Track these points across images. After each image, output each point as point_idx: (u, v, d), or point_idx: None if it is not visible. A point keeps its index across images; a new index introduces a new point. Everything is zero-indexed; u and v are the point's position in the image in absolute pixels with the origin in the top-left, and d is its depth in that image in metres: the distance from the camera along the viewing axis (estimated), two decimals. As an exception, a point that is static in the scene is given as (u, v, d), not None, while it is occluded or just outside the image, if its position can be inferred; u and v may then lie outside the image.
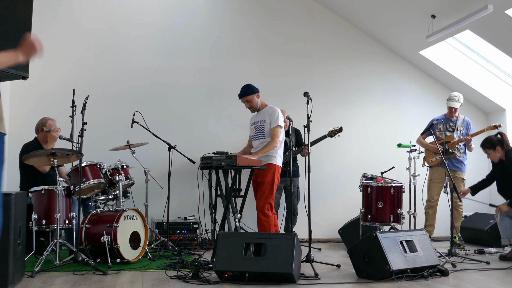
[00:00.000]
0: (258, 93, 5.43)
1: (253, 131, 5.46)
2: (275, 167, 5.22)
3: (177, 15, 7.01)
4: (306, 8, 7.33)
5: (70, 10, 6.78)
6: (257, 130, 5.39)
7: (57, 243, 4.63)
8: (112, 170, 5.42)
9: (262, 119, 5.38)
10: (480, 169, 7.44)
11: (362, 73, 7.40)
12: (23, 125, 6.26)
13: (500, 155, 5.71)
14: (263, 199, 5.15)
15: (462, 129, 6.37)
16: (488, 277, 4.50)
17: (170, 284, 4.07)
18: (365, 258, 4.33)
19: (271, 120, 5.28)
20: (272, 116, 5.29)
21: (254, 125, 5.47)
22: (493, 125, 6.13)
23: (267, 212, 5.14)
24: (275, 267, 4.00)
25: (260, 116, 5.42)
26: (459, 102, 6.33)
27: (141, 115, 5.86)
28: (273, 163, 5.22)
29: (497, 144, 5.71)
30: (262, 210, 5.14)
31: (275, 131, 5.25)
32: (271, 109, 5.36)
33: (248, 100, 5.39)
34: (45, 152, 4.68)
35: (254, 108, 5.44)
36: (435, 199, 6.35)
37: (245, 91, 5.40)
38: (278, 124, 5.26)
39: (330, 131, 6.29)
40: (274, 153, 5.25)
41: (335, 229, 6.64)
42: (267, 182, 5.17)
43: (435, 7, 6.16)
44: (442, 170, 6.29)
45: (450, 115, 6.40)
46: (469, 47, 6.95)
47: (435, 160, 6.33)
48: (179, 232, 6.08)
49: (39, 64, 6.23)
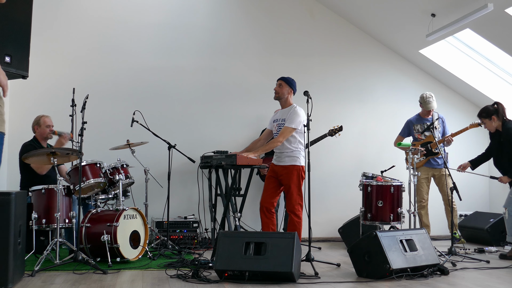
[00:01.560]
0: (292, 91, 5.30)
1: (275, 128, 5.34)
2: (299, 168, 5.13)
3: (177, 14, 7.01)
4: (306, 7, 7.32)
5: (70, 10, 6.77)
6: (279, 128, 5.28)
7: (57, 242, 4.64)
8: (112, 169, 5.42)
9: (283, 117, 5.25)
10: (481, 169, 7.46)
11: (362, 72, 7.40)
12: (23, 124, 6.25)
13: (496, 125, 5.60)
14: (293, 201, 5.09)
15: (439, 127, 6.37)
16: (488, 276, 4.50)
17: (170, 283, 4.07)
18: (365, 257, 4.33)
19: (288, 119, 5.16)
20: (291, 115, 5.16)
21: (276, 122, 5.36)
22: (477, 123, 6.04)
23: (299, 214, 5.10)
24: (275, 266, 4.00)
25: (283, 114, 5.29)
26: (435, 101, 6.34)
27: (141, 114, 5.86)
28: (298, 164, 5.14)
29: (493, 113, 5.59)
30: (294, 212, 5.09)
31: (285, 130, 5.13)
32: (293, 108, 5.22)
33: (281, 85, 5.27)
34: (45, 151, 4.68)
35: (279, 96, 5.29)
36: (425, 198, 6.36)
37: (287, 78, 5.31)
38: (291, 126, 5.12)
39: (331, 130, 6.29)
40: (298, 154, 5.15)
41: (335, 228, 6.65)
42: (294, 184, 5.09)
43: (435, 6, 6.16)
44: (427, 169, 6.37)
45: (427, 114, 6.41)
46: (469, 45, 6.94)
47: (418, 161, 6.28)
48: (179, 231, 6.08)
49: (39, 63, 6.27)
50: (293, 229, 5.04)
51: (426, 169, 6.37)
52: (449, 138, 6.18)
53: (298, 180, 5.13)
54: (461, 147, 7.11)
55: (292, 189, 5.09)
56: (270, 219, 5.19)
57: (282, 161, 5.17)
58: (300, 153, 5.19)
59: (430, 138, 6.28)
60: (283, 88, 5.27)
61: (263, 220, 5.21)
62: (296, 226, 5.07)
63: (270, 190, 5.23)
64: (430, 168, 6.38)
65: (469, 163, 5.97)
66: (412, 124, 6.49)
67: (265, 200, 5.21)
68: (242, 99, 7.03)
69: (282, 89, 5.27)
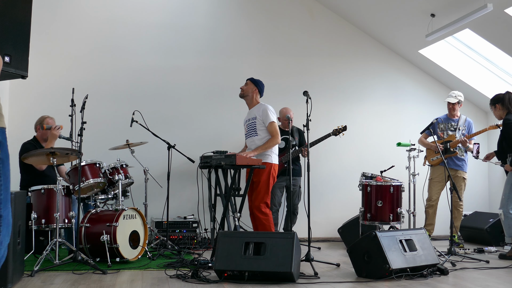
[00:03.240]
0: (257, 90, 5.35)
1: (246, 130, 5.40)
2: (271, 165, 5.15)
3: (176, 14, 7.01)
4: (306, 7, 7.32)
5: (70, 9, 6.77)
6: (249, 128, 5.32)
7: (56, 242, 4.64)
8: (112, 169, 5.42)
9: (253, 116, 5.29)
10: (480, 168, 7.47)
11: (362, 72, 7.40)
12: (22, 124, 6.26)
13: (499, 113, 5.53)
14: (259, 198, 5.10)
15: (463, 129, 6.33)
16: (487, 276, 4.50)
17: (170, 283, 4.07)
18: (364, 257, 4.33)
19: (263, 117, 5.19)
20: (264, 113, 5.19)
21: (246, 124, 5.40)
22: (495, 124, 5.99)
23: (264, 210, 5.09)
24: (275, 266, 4.00)
25: (251, 113, 5.35)
26: (456, 98, 6.29)
27: (141, 114, 5.86)
28: (269, 162, 5.16)
29: (498, 101, 5.50)
30: (259, 209, 5.08)
31: (273, 127, 5.16)
32: (262, 106, 5.27)
33: (247, 83, 5.38)
34: (45, 151, 4.68)
35: (243, 94, 5.37)
36: (434, 198, 6.31)
37: (253, 78, 5.40)
38: (272, 120, 5.16)
39: (335, 130, 6.29)
40: (270, 151, 5.17)
41: (334, 228, 6.65)
42: (262, 181, 5.10)
43: (435, 6, 6.16)
44: (443, 169, 6.27)
45: (451, 114, 6.39)
46: (468, 46, 6.95)
47: (436, 159, 6.29)
48: (179, 231, 6.08)
49: (39, 63, 6.26)
50: (263, 228, 5.02)
51: (442, 168, 6.15)
52: (463, 138, 6.11)
53: (268, 177, 5.11)
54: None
55: (261, 186, 5.09)
56: None
57: (256, 157, 5.15)
58: (272, 151, 5.19)
59: (451, 138, 6.27)
60: (248, 86, 5.36)
61: (254, 223, 5.21)
62: (264, 223, 5.05)
63: (251, 191, 5.24)
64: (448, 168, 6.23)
65: (494, 153, 5.83)
66: (437, 123, 6.39)
67: (250, 202, 5.24)
68: (241, 99, 7.00)
69: (247, 87, 5.36)
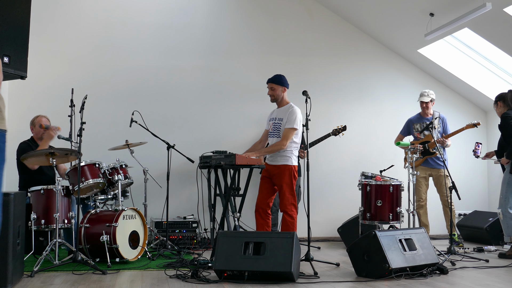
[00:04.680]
0: (286, 88, 5.24)
1: (271, 128, 5.29)
2: (291, 167, 5.10)
3: (175, 14, 7.01)
4: (305, 7, 7.32)
5: (68, 9, 6.76)
6: (275, 127, 5.23)
7: (56, 242, 4.64)
8: (111, 170, 5.42)
9: (280, 116, 5.20)
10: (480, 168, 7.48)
11: (361, 71, 7.40)
12: (21, 124, 6.24)
13: (500, 111, 5.53)
14: (285, 200, 5.05)
15: (438, 127, 6.35)
16: (487, 275, 4.50)
17: (170, 284, 4.07)
18: (364, 256, 4.33)
19: (287, 120, 5.11)
20: (290, 116, 5.10)
21: (272, 121, 5.30)
22: (472, 123, 6.00)
23: (292, 214, 5.06)
24: (275, 266, 4.00)
25: (280, 113, 5.24)
26: (429, 97, 6.32)
27: (140, 115, 5.86)
28: (290, 164, 5.10)
29: (499, 99, 5.51)
30: (287, 212, 5.05)
31: (288, 133, 5.08)
32: (291, 108, 5.16)
33: (273, 88, 5.21)
34: (44, 152, 4.68)
35: (275, 99, 5.25)
36: (423, 198, 6.35)
37: (275, 78, 5.23)
38: (293, 127, 5.07)
39: (334, 130, 6.29)
40: (290, 153, 5.10)
41: (334, 227, 6.65)
42: (286, 184, 5.05)
43: (434, 5, 6.17)
44: (425, 169, 6.34)
45: (424, 113, 6.40)
46: (467, 45, 6.95)
47: (416, 160, 6.28)
48: (178, 231, 6.08)
49: (38, 63, 6.26)
50: (286, 229, 5.01)
51: (424, 168, 6.37)
52: (442, 139, 6.16)
53: (290, 179, 5.08)
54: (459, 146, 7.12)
55: (284, 188, 5.06)
56: (265, 220, 5.16)
57: (275, 160, 5.14)
58: (293, 153, 5.15)
59: (429, 138, 6.28)
60: (276, 90, 5.21)
61: (259, 222, 5.19)
62: (289, 226, 5.03)
63: (265, 190, 5.20)
64: (428, 168, 6.37)
65: (494, 152, 5.85)
66: (412, 123, 6.48)
67: (260, 201, 5.19)
68: (241, 99, 7.03)
69: (276, 91, 5.21)
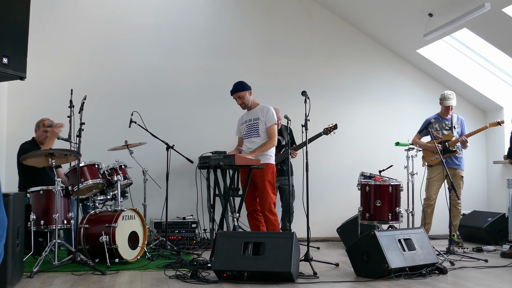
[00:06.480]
0: (250, 91, 5.32)
1: (245, 130, 5.35)
2: (272, 166, 5.19)
3: (175, 15, 7.01)
4: (304, 8, 7.33)
5: (68, 10, 6.77)
6: (250, 128, 5.28)
7: (55, 243, 4.64)
8: (110, 170, 5.41)
9: (255, 117, 5.27)
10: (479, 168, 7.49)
11: (360, 72, 7.40)
12: (21, 125, 6.26)
13: None
14: (269, 199, 5.07)
15: (457, 127, 6.35)
16: (486, 274, 4.51)
17: (169, 284, 4.07)
18: (363, 256, 4.33)
19: (266, 119, 5.20)
20: (266, 114, 5.21)
21: (245, 124, 5.36)
22: (496, 122, 5.97)
23: (275, 211, 5.10)
24: (274, 266, 4.01)
25: (252, 114, 5.32)
26: (455, 99, 6.33)
27: (139, 115, 5.86)
28: (271, 163, 5.19)
29: None
30: (270, 210, 5.07)
31: (272, 130, 5.19)
32: (265, 107, 5.27)
33: (240, 96, 5.28)
34: (43, 153, 4.68)
35: (246, 105, 5.32)
36: (433, 197, 6.31)
37: (238, 87, 5.30)
38: (274, 123, 5.20)
39: (325, 129, 6.29)
40: (271, 152, 5.20)
41: (333, 227, 6.65)
42: (268, 182, 5.10)
43: (433, 6, 6.17)
44: (441, 169, 6.28)
45: (446, 113, 6.39)
46: (466, 45, 6.96)
47: (435, 159, 6.29)
48: (178, 231, 6.08)
49: (37, 64, 6.26)
50: (273, 228, 5.03)
51: (441, 168, 6.16)
52: (464, 138, 6.13)
53: (272, 178, 5.14)
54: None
55: (268, 187, 5.08)
56: (260, 220, 5.19)
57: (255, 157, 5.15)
58: (272, 152, 5.23)
59: (449, 137, 6.26)
60: (244, 97, 5.28)
61: (253, 223, 5.22)
62: (275, 224, 5.06)
63: (250, 192, 5.21)
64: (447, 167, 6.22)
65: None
66: (430, 123, 6.40)
67: (250, 203, 5.23)
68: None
69: (243, 98, 5.28)
